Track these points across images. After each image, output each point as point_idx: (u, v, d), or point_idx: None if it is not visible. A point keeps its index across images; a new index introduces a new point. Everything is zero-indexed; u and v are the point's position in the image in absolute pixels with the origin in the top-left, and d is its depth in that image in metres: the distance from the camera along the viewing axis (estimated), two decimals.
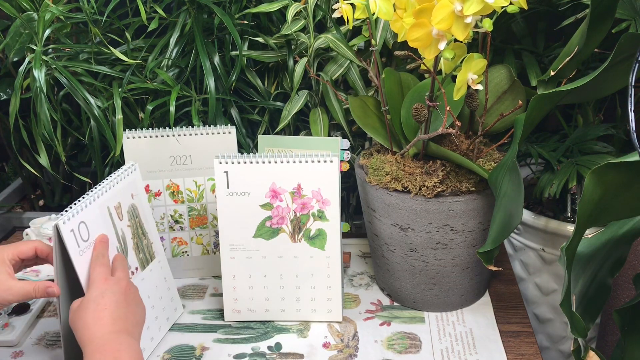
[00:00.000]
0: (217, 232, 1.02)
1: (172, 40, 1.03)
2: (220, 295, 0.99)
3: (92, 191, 0.80)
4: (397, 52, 0.91)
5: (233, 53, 1.05)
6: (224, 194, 0.89)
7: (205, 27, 1.05)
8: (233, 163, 0.87)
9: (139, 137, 0.97)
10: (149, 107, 0.99)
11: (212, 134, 0.98)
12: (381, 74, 0.92)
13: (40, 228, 1.06)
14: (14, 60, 1.02)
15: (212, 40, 1.05)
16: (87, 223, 0.77)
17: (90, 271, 0.76)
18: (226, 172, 0.88)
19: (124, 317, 0.73)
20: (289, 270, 0.91)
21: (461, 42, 0.76)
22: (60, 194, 1.37)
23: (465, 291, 0.95)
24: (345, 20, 0.85)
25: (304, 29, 1.03)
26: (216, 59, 1.02)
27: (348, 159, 0.95)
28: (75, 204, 0.77)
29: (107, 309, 0.72)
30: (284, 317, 0.94)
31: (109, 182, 0.82)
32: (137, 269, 0.86)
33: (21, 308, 0.96)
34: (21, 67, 0.97)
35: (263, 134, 1.12)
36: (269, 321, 0.94)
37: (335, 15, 0.87)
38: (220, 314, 0.96)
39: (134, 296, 0.77)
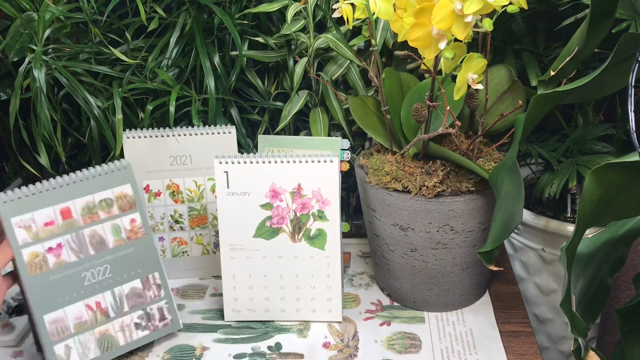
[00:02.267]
0: (217, 232, 1.02)
1: (172, 40, 1.03)
2: (220, 295, 0.99)
3: None
4: (397, 52, 0.91)
5: (233, 53, 1.05)
6: (224, 194, 0.89)
7: (205, 27, 1.05)
8: (233, 163, 0.87)
9: (139, 137, 0.97)
10: (149, 107, 0.99)
11: (212, 134, 0.98)
12: (381, 74, 0.92)
13: None
14: (14, 60, 1.02)
15: (212, 40, 1.05)
16: None
17: None
18: (226, 172, 0.88)
19: None
20: (289, 270, 0.91)
21: (461, 41, 0.76)
22: None
23: (465, 291, 0.95)
24: (345, 20, 0.85)
25: (304, 29, 1.03)
26: (216, 59, 1.02)
27: (348, 159, 0.95)
28: None
29: None
30: (283, 317, 0.94)
31: None
32: None
33: (21, 308, 0.96)
34: (21, 67, 0.97)
35: (263, 134, 1.12)
36: (269, 321, 0.94)
37: (335, 15, 0.87)
38: (220, 314, 0.96)
39: None
